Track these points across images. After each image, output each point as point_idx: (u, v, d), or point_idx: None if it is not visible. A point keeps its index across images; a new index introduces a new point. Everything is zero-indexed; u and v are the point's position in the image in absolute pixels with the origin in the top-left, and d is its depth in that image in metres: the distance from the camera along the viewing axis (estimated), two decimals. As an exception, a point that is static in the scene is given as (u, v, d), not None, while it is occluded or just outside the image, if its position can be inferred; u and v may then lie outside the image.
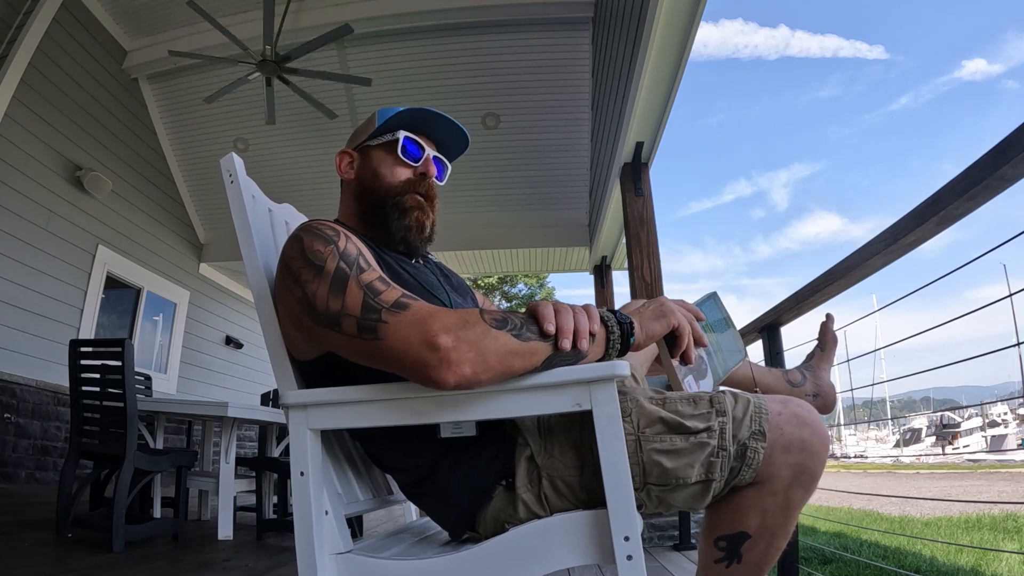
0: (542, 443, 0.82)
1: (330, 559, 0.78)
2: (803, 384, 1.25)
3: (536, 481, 0.80)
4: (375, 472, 1.08)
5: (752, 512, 0.74)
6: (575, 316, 0.72)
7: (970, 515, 6.71)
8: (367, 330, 0.71)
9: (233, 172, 0.93)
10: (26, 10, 3.94)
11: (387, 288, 0.74)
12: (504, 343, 0.68)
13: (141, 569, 2.01)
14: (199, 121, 5.72)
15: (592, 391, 0.70)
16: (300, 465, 0.79)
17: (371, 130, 0.99)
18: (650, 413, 0.77)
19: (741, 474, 0.73)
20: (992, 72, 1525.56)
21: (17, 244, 4.17)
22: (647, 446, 0.75)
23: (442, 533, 1.00)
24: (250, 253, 0.89)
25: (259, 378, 7.38)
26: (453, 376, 0.66)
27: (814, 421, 0.75)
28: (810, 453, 0.73)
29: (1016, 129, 0.93)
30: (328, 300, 0.74)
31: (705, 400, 0.77)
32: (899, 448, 34.38)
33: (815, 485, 0.75)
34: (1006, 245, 1.15)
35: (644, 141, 3.58)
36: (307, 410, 0.80)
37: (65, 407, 4.26)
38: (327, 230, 0.82)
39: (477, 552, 0.75)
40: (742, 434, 0.73)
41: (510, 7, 4.57)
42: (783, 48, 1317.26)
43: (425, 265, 1.01)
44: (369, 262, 0.80)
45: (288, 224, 1.08)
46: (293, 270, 0.79)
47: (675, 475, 0.73)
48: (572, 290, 45.90)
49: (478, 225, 6.08)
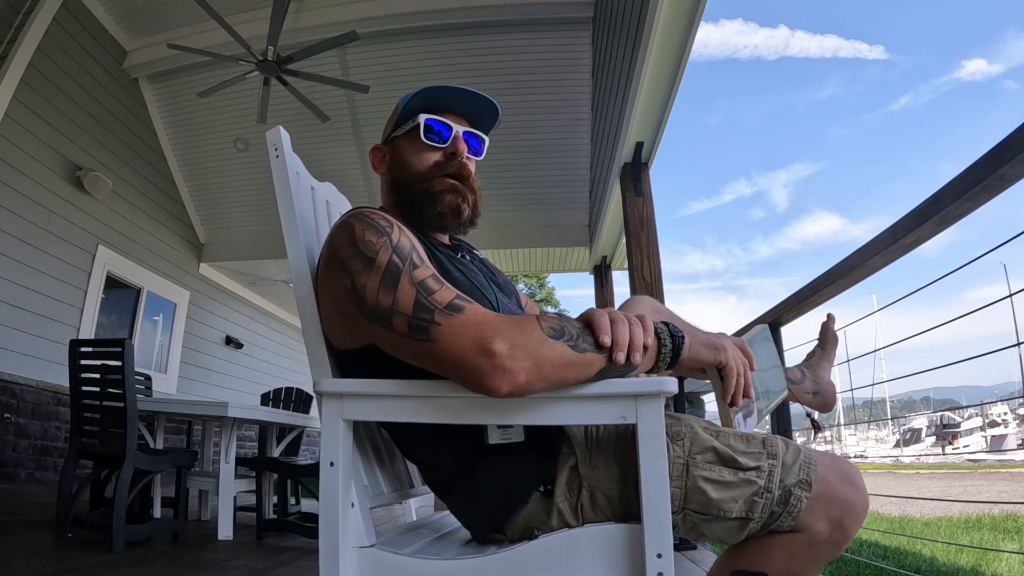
0: (588, 454, 0.81)
1: (353, 552, 0.77)
2: (802, 382, 1.24)
3: (576, 491, 0.79)
4: (398, 463, 1.05)
5: (779, 556, 0.74)
6: (631, 328, 0.70)
7: (970, 515, 6.71)
8: (418, 330, 0.69)
9: (279, 146, 0.90)
10: (26, 10, 3.94)
11: (441, 287, 0.72)
12: (560, 353, 0.66)
13: (141, 569, 2.01)
14: (199, 121, 5.72)
15: (639, 406, 0.69)
16: (331, 455, 0.77)
17: (395, 120, 0.97)
18: (703, 441, 0.77)
19: (781, 520, 0.73)
20: (992, 72, 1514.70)
21: (17, 244, 4.17)
22: (695, 472, 0.75)
23: (460, 531, 0.98)
24: (292, 231, 0.87)
25: (259, 378, 7.38)
26: (507, 384, 0.65)
27: (860, 482, 0.75)
28: (851, 512, 0.73)
29: (1016, 129, 0.93)
30: (379, 294, 0.72)
31: (758, 441, 0.77)
32: (899, 448, 34.38)
33: (845, 545, 0.75)
34: (1006, 245, 1.15)
35: (644, 141, 3.57)
36: (343, 400, 0.78)
37: (65, 407, 4.26)
38: (380, 220, 0.80)
39: (504, 556, 0.74)
40: (789, 480, 0.73)
41: (510, 7, 4.56)
42: (783, 48, 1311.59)
43: (472, 262, 0.99)
44: (423, 258, 0.78)
45: (329, 203, 1.06)
46: (342, 258, 0.77)
47: (718, 506, 0.73)
48: (572, 290, 45.90)
49: (478, 225, 6.07)
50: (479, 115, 0.98)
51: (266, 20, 4.45)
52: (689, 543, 2.68)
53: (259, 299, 7.76)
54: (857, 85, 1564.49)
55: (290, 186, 0.88)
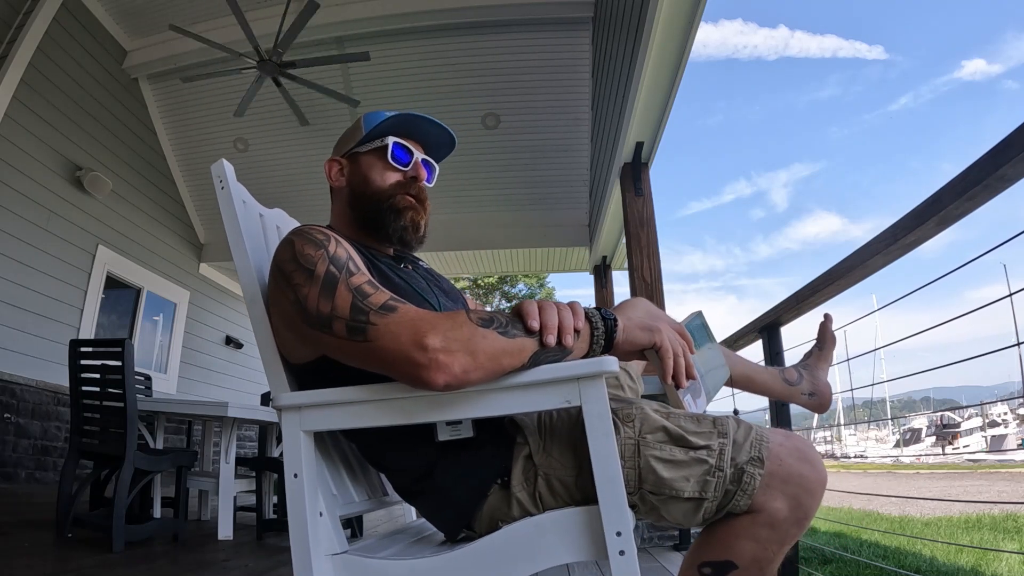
0: (541, 442, 0.83)
1: (326, 559, 0.79)
2: (799, 383, 1.24)
3: (532, 480, 0.81)
4: (371, 473, 1.08)
5: (743, 541, 0.74)
6: (559, 312, 0.73)
7: (970, 515, 6.71)
8: (356, 332, 0.72)
9: (224, 178, 0.94)
10: (26, 10, 3.94)
11: (376, 291, 0.76)
12: (492, 341, 0.69)
13: (141, 569, 2.01)
14: (199, 121, 5.72)
15: (581, 387, 0.71)
16: (294, 467, 0.79)
17: (359, 136, 1.01)
18: (654, 421, 0.78)
19: (736, 499, 0.73)
20: (992, 72, 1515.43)
21: (17, 244, 4.17)
22: (646, 451, 0.76)
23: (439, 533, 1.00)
24: (241, 257, 0.90)
25: (259, 378, 7.38)
26: (443, 376, 0.67)
27: (815, 458, 0.76)
28: (807, 489, 0.73)
29: (1016, 129, 0.93)
30: (319, 303, 0.76)
31: (708, 420, 0.78)
32: (899, 448, 34.38)
33: (807, 523, 0.75)
34: (1006, 245, 1.15)
35: (644, 141, 3.58)
36: (300, 411, 0.81)
37: (65, 407, 4.26)
38: (317, 234, 0.84)
39: (470, 550, 0.75)
40: (740, 458, 0.74)
41: (510, 7, 4.57)
42: (782, 48, 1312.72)
43: (415, 270, 1.03)
44: (359, 266, 0.81)
45: (279, 228, 1.09)
46: (285, 273, 0.81)
47: (670, 485, 0.74)
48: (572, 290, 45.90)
49: (478, 225, 6.08)
50: (438, 145, 1.06)
51: (267, 20, 4.46)
52: (687, 543, 2.68)
53: (259, 299, 7.76)
54: (857, 85, 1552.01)
55: (236, 215, 0.92)
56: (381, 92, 5.16)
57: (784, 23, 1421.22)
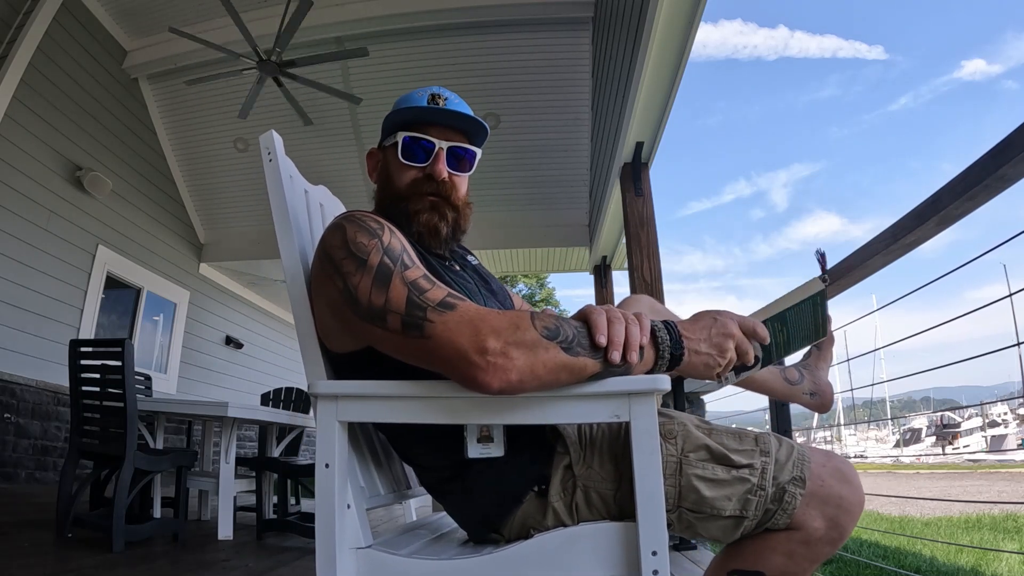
0: (582, 453, 0.81)
1: (350, 553, 0.77)
2: (800, 382, 1.24)
3: (570, 491, 0.79)
4: (396, 465, 1.06)
5: (776, 556, 0.74)
6: (627, 327, 0.70)
7: (970, 515, 6.71)
8: (413, 327, 0.70)
9: (272, 150, 0.91)
10: (26, 10, 3.94)
11: (432, 286, 0.73)
12: (554, 355, 0.67)
13: (141, 569, 2.01)
14: (199, 121, 5.72)
15: (632, 404, 0.69)
16: (326, 457, 0.77)
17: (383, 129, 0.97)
18: (696, 439, 0.76)
19: (775, 518, 0.72)
20: (991, 72, 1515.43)
21: (17, 244, 4.17)
22: (688, 470, 0.75)
23: (458, 531, 0.98)
24: (286, 234, 0.87)
25: (259, 378, 7.38)
26: (498, 382, 0.65)
27: (855, 480, 0.75)
28: (846, 510, 0.73)
29: (1016, 129, 0.93)
30: (371, 294, 0.73)
31: (751, 438, 0.77)
32: (899, 448, 34.38)
33: (842, 543, 0.75)
34: (1006, 245, 1.15)
35: (644, 141, 3.57)
36: (337, 401, 0.78)
37: (65, 407, 4.26)
38: (371, 222, 0.80)
39: (500, 556, 0.74)
40: (783, 477, 0.73)
41: (510, 7, 4.56)
42: (782, 48, 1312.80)
43: (464, 269, 0.99)
44: (414, 259, 0.79)
45: (323, 206, 1.06)
46: (335, 260, 0.78)
47: (711, 504, 0.73)
48: (572, 290, 45.94)
49: (477, 225, 6.02)
50: (471, 129, 0.95)
51: (267, 20, 4.45)
52: (689, 543, 2.68)
53: (259, 299, 7.76)
54: (857, 85, 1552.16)
55: (283, 189, 0.89)
56: (381, 92, 5.15)
57: (784, 23, 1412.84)
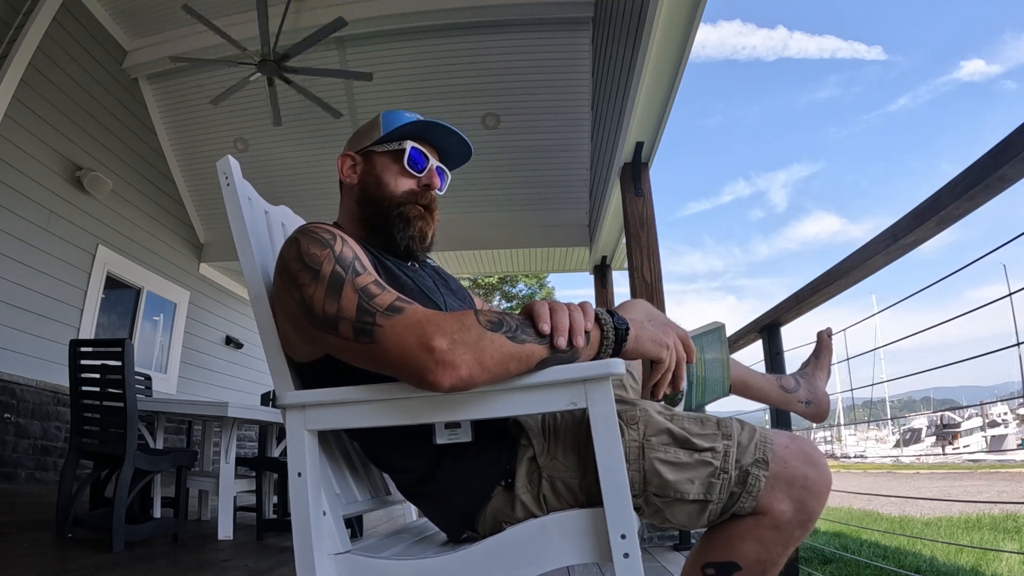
0: (545, 444, 0.83)
1: (328, 559, 0.79)
2: (797, 391, 1.23)
3: (536, 482, 0.81)
4: (374, 473, 1.08)
5: (747, 543, 0.74)
6: (570, 314, 0.72)
7: (970, 515, 6.72)
8: (363, 333, 0.72)
9: (229, 174, 0.93)
10: (26, 10, 3.94)
11: (382, 292, 0.75)
12: (500, 346, 0.69)
13: (141, 569, 2.01)
14: (199, 121, 5.72)
15: (588, 390, 0.70)
16: (297, 466, 0.79)
17: (376, 135, 0.98)
18: (658, 423, 0.78)
19: (741, 501, 0.73)
20: (991, 72, 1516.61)
21: (17, 244, 4.17)
22: (650, 454, 0.76)
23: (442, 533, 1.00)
24: (247, 255, 0.90)
25: (259, 378, 7.38)
26: (448, 379, 0.67)
27: (820, 461, 0.75)
28: (812, 491, 0.73)
29: (1016, 129, 0.93)
30: (324, 303, 0.75)
31: (712, 422, 0.78)
32: (899, 448, 34.38)
33: (812, 525, 0.75)
34: (1006, 245, 1.15)
35: (644, 141, 3.58)
36: (304, 411, 0.81)
37: (65, 407, 4.26)
38: (323, 233, 0.83)
39: (474, 551, 0.75)
40: (745, 460, 0.74)
41: (510, 7, 4.57)
42: (781, 49, 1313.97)
43: (422, 268, 1.02)
44: (365, 266, 0.81)
45: (284, 226, 1.08)
46: (291, 273, 0.80)
47: (674, 487, 0.74)
48: (572, 290, 45.93)
49: (478, 225, 6.08)
50: (454, 153, 1.04)
51: (268, 20, 4.45)
52: (688, 542, 2.68)
53: (259, 299, 7.76)
54: (856, 86, 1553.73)
55: (242, 212, 0.91)
56: (381, 92, 5.15)
57: (783, 24, 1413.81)
